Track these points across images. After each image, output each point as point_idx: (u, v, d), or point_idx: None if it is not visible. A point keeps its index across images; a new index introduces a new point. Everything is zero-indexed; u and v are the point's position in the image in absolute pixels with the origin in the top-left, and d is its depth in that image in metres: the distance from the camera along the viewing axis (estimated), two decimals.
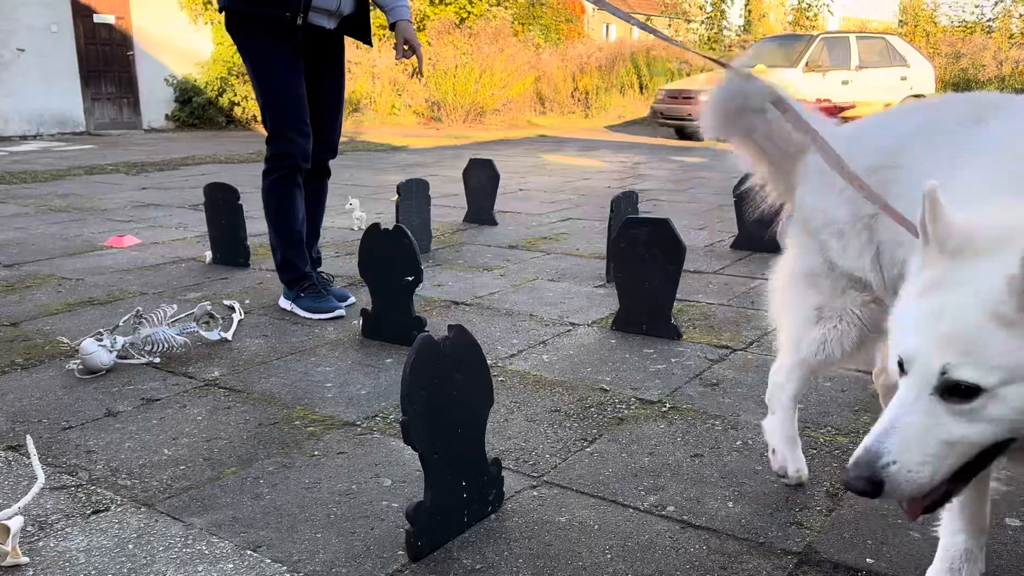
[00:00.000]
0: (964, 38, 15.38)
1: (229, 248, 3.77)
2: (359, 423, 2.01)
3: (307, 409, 2.11)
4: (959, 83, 14.09)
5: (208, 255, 3.88)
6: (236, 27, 2.87)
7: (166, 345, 2.47)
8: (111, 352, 2.40)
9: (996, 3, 16.68)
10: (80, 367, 2.37)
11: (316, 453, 1.85)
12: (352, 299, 3.13)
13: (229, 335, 2.68)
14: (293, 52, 2.85)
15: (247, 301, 3.15)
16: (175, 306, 2.67)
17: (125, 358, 2.45)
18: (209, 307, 2.71)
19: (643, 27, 1.96)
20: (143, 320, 2.53)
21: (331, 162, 3.19)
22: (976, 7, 17.32)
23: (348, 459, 1.82)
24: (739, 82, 1.72)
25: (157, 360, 2.46)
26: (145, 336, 2.47)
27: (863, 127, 1.64)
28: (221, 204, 3.75)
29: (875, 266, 1.49)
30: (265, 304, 3.12)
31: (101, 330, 2.50)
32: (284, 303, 3.05)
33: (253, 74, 2.90)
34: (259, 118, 14.08)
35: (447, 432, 1.44)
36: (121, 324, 2.63)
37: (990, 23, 16.66)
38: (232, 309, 2.97)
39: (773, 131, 1.69)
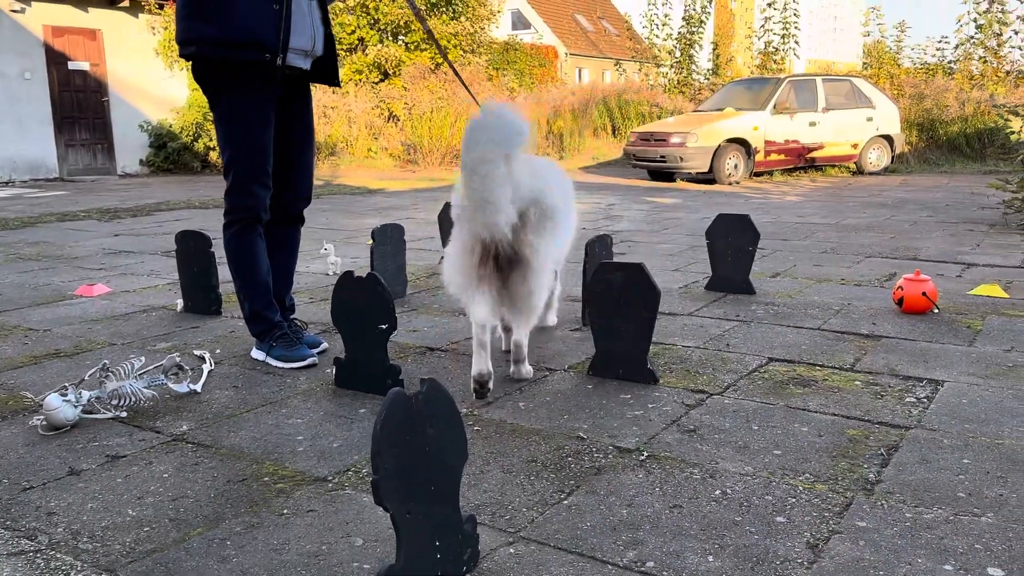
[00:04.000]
0: (927, 80, 15.75)
1: (200, 296, 3.73)
2: (330, 478, 1.97)
3: (277, 464, 2.06)
4: (923, 123, 14.38)
5: (179, 303, 3.83)
6: (206, 75, 2.79)
7: (133, 399, 2.41)
8: (76, 407, 2.34)
9: (956, 46, 17.15)
10: (44, 423, 2.30)
11: (285, 511, 1.80)
12: (325, 345, 3.09)
13: (199, 387, 2.63)
14: (266, 101, 2.81)
15: (218, 351, 3.10)
16: (143, 358, 2.61)
17: (91, 413, 2.39)
18: (178, 358, 2.65)
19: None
20: (110, 373, 2.47)
21: (307, 208, 3.16)
22: (937, 50, 17.75)
23: (318, 517, 1.77)
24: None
25: (124, 414, 2.40)
26: (112, 390, 2.41)
27: None
28: (193, 251, 3.71)
29: None
30: (237, 353, 3.07)
31: (66, 384, 2.44)
32: (257, 354, 2.99)
33: (221, 124, 2.84)
34: None
35: (420, 490, 1.40)
36: (87, 378, 2.56)
37: (951, 65, 17.10)
38: (202, 359, 2.91)
39: None
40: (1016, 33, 16.53)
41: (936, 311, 3.53)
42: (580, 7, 41.32)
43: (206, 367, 2.82)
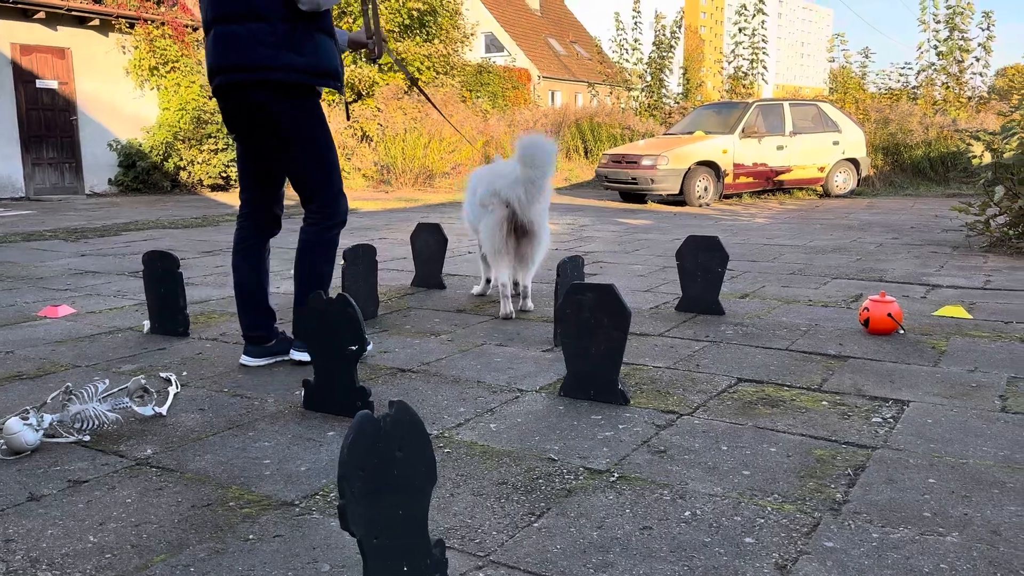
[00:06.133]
0: (891, 104, 16.10)
1: (168, 317, 3.68)
2: (297, 503, 1.94)
3: (243, 488, 2.03)
4: (888, 147, 14.69)
5: (146, 325, 3.78)
6: (293, 100, 2.95)
7: (96, 422, 2.37)
8: (37, 431, 2.29)
9: (919, 72, 17.56)
10: (4, 447, 2.25)
11: (251, 537, 1.77)
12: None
13: (164, 410, 2.59)
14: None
15: (184, 373, 3.06)
16: (107, 381, 2.57)
17: (53, 437, 2.34)
18: (143, 381, 2.61)
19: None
20: (73, 396, 2.42)
21: (282, 226, 3.31)
22: (901, 75, 18.17)
23: (285, 543, 1.74)
24: None
25: (87, 438, 2.36)
26: (74, 413, 2.37)
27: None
28: (160, 272, 3.67)
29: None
30: (204, 376, 3.03)
31: (28, 407, 2.39)
32: (300, 355, 3.15)
33: (321, 142, 3.04)
34: (204, 182, 13.85)
35: (388, 515, 1.39)
36: (49, 401, 2.52)
37: (915, 91, 17.51)
38: (168, 382, 2.87)
39: None
40: (977, 60, 16.98)
41: (901, 332, 3.58)
42: (553, 31, 41.75)
43: (172, 390, 2.78)
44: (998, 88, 18.47)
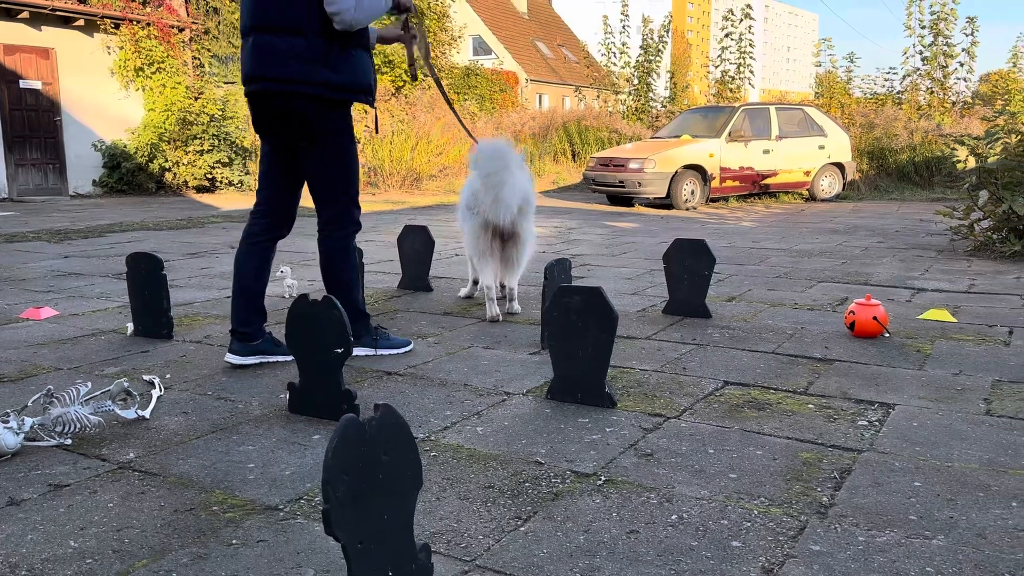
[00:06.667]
0: (876, 109, 16.21)
1: (152, 320, 3.64)
2: (281, 507, 1.92)
3: (227, 493, 2.00)
4: (874, 151, 14.77)
5: (129, 327, 3.74)
6: (327, 112, 3.05)
7: (78, 425, 2.34)
8: (18, 434, 2.26)
9: (904, 77, 17.70)
10: None
11: (235, 542, 1.75)
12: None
13: (147, 413, 2.56)
14: None
15: (168, 376, 3.03)
16: (89, 383, 2.54)
17: (34, 440, 2.31)
18: (126, 384, 2.58)
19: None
20: (54, 399, 2.39)
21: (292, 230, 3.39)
22: (886, 80, 18.30)
23: (268, 548, 1.72)
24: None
25: (68, 442, 2.33)
26: (56, 416, 2.34)
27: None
28: (144, 274, 3.63)
29: None
30: (188, 379, 3.00)
31: (8, 411, 2.36)
32: (362, 351, 3.28)
33: (344, 153, 3.15)
34: (190, 184, 13.79)
35: (373, 519, 1.38)
36: (31, 404, 2.49)
37: (899, 95, 17.64)
38: (152, 385, 2.84)
39: None
40: (961, 65, 17.12)
41: (887, 335, 3.60)
42: (540, 34, 41.82)
43: (155, 392, 2.76)
44: (982, 93, 18.63)
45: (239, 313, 3.17)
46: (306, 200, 3.20)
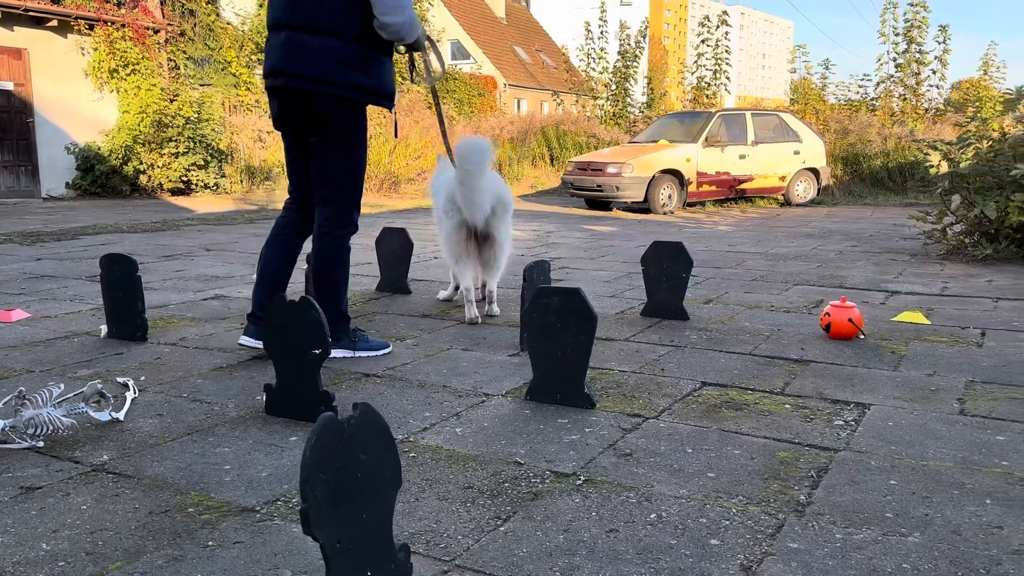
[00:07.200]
0: (851, 115, 16.41)
1: (126, 321, 3.60)
2: (258, 509, 1.90)
3: (202, 495, 1.98)
4: (848, 157, 14.95)
5: (103, 329, 3.69)
6: (348, 112, 3.09)
7: (51, 427, 2.30)
8: None
9: (877, 84, 17.94)
10: None
11: (210, 543, 1.73)
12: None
13: (121, 415, 2.53)
14: None
15: (143, 378, 2.99)
16: (62, 385, 2.50)
17: (5, 442, 2.27)
18: (100, 386, 2.54)
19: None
20: (26, 401, 2.35)
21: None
22: (860, 87, 18.54)
23: (245, 549, 1.70)
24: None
25: (40, 444, 2.29)
26: (28, 418, 2.30)
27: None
28: (118, 276, 3.58)
29: None
30: (162, 381, 2.97)
31: None
32: (341, 353, 3.24)
33: (355, 154, 3.18)
34: (165, 187, 13.62)
35: (351, 519, 1.36)
36: (2, 405, 2.44)
37: (873, 102, 17.87)
38: (126, 387, 2.81)
39: None
40: (934, 72, 17.38)
41: (862, 337, 3.63)
42: (519, 39, 41.90)
43: (129, 395, 2.72)
44: (954, 101, 18.92)
45: (259, 298, 3.24)
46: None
